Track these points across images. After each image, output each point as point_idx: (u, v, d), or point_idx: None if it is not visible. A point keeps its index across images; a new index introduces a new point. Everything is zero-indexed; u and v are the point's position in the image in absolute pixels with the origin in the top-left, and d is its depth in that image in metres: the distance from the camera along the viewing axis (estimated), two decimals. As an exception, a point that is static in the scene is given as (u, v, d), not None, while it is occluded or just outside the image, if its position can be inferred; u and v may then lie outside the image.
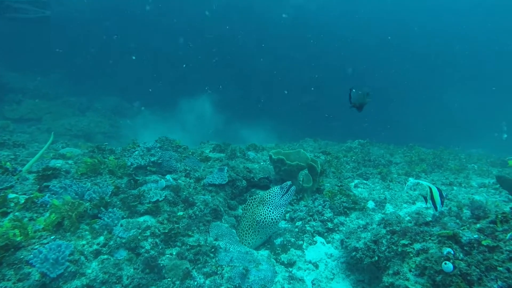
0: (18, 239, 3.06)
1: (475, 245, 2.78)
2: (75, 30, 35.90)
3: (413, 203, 5.74)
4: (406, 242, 3.22)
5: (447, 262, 2.68)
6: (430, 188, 3.60)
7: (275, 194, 4.56)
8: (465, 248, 2.83)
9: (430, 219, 4.72)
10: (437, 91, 38.54)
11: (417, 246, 3.14)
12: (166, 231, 3.69)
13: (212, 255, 3.72)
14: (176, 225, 3.85)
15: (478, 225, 3.02)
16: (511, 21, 39.05)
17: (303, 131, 21.99)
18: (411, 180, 7.07)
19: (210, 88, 29.29)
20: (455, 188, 6.44)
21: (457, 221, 3.43)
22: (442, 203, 3.47)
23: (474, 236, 2.85)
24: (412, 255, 3.11)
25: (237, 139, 17.85)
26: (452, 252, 2.77)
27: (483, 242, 2.72)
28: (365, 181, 6.92)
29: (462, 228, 3.07)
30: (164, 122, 22.61)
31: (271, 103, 34.10)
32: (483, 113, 33.85)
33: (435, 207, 3.53)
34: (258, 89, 36.57)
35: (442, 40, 41.56)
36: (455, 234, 2.92)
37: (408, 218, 4.87)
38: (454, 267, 2.65)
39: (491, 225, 2.91)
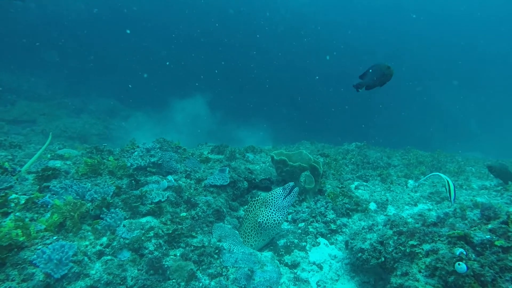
0: (21, 239, 2.99)
1: (487, 245, 2.76)
2: (71, 31, 35.74)
3: (415, 205, 5.74)
4: (415, 243, 3.19)
5: (460, 262, 2.65)
6: (448, 182, 3.71)
7: (278, 195, 4.51)
8: (477, 248, 2.80)
9: (432, 220, 4.71)
10: (432, 95, 38.84)
11: (426, 246, 3.11)
12: (170, 232, 3.64)
13: (216, 256, 3.67)
14: (180, 226, 3.80)
15: (489, 226, 2.99)
16: (508, 23, 39.54)
17: (299, 133, 22.05)
18: (410, 182, 7.08)
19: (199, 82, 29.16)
20: (456, 190, 6.45)
21: (465, 222, 3.41)
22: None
23: (487, 236, 2.83)
24: (421, 256, 3.08)
25: (231, 141, 17.80)
26: (465, 252, 2.75)
27: (497, 243, 2.70)
28: (365, 183, 6.91)
29: (473, 229, 3.05)
30: (158, 124, 22.52)
31: (266, 104, 34.14)
32: (478, 116, 34.17)
33: (451, 200, 3.64)
34: (253, 90, 36.60)
35: (439, 42, 41.95)
36: (466, 235, 2.90)
37: (410, 219, 4.86)
38: (467, 267, 2.62)
39: (503, 226, 2.89)
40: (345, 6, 43.30)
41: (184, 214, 4.12)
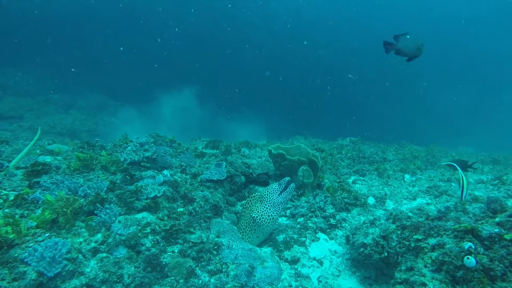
0: (11, 236, 2.84)
1: (496, 239, 2.69)
2: (59, 25, 35.10)
3: (414, 199, 5.69)
4: (420, 237, 3.11)
5: (469, 256, 2.57)
6: (463, 178, 3.70)
7: (273, 191, 4.41)
8: (485, 242, 2.73)
9: (433, 214, 4.65)
10: (424, 90, 39.08)
11: (432, 241, 3.04)
12: (167, 227, 3.51)
13: (215, 252, 3.55)
14: (177, 222, 3.67)
15: (497, 219, 2.93)
16: (497, 20, 39.88)
17: (292, 129, 21.98)
18: (406, 176, 7.05)
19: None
20: (453, 184, 6.42)
21: (470, 215, 3.34)
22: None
23: (495, 230, 2.76)
24: (427, 250, 3.01)
25: (223, 135, 17.63)
26: (474, 246, 2.67)
27: (506, 236, 2.63)
28: (362, 178, 6.86)
29: (480, 222, 2.98)
30: (149, 119, 22.27)
31: (259, 99, 34.01)
32: (468, 111, 34.47)
33: (461, 196, 3.61)
34: (246, 85, 36.42)
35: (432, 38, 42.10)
36: (473, 228, 2.83)
37: (410, 214, 4.81)
38: (477, 262, 2.55)
39: (511, 219, 2.83)
40: (341, 3, 43.29)
41: (181, 209, 3.99)
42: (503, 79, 39.87)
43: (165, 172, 4.75)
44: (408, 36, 4.49)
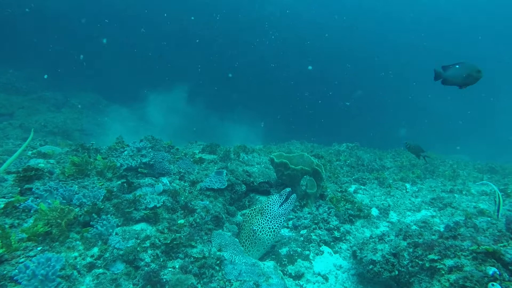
0: (0, 251, 2.63)
1: (522, 264, 2.54)
2: (52, 23, 34.63)
3: (418, 211, 5.55)
4: (436, 257, 2.96)
5: (494, 283, 2.42)
6: (499, 196, 3.69)
7: (273, 202, 4.25)
8: (509, 267, 2.58)
9: (437, 228, 4.52)
10: (416, 96, 39.25)
11: (448, 262, 2.88)
12: (168, 241, 3.32)
13: (218, 268, 3.36)
14: (178, 235, 3.48)
15: (520, 241, 2.79)
16: (495, 26, 40.20)
17: (287, 132, 21.86)
18: (407, 186, 6.93)
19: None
20: (456, 195, 6.31)
21: (486, 234, 3.19)
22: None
23: (521, 254, 2.61)
24: (443, 272, 2.85)
25: (218, 139, 17.42)
26: (498, 272, 2.52)
27: (533, 262, 2.49)
28: (362, 187, 6.72)
29: (502, 244, 2.83)
30: (141, 119, 21.99)
31: (254, 103, 33.88)
32: (463, 118, 34.69)
33: (498, 214, 3.82)
34: (241, 87, 36.30)
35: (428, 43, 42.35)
36: (495, 251, 2.68)
37: (414, 227, 4.68)
38: (502, 289, 2.40)
39: (536, 242, 2.69)
40: (339, 5, 43.29)
41: (182, 221, 3.80)
42: (498, 86, 40.15)
43: (164, 180, 4.57)
44: (457, 66, 4.48)
